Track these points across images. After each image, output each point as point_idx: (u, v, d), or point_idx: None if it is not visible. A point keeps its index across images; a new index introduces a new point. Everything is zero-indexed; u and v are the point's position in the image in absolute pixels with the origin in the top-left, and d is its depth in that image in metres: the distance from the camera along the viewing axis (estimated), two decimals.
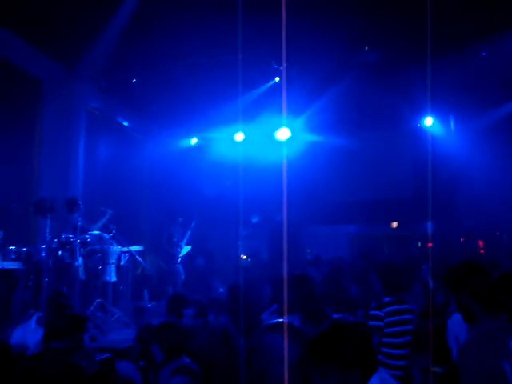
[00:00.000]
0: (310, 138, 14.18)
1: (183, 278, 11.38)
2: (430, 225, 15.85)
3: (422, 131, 13.79)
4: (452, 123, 13.79)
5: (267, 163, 12.69)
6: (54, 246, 8.04)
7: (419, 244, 16.73)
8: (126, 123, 13.67)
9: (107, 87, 11.75)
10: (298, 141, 13.88)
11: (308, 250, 14.97)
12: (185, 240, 11.72)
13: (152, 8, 9.11)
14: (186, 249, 11.69)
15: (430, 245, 16.04)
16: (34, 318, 5.81)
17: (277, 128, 13.45)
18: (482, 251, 14.00)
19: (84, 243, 8.43)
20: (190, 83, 11.92)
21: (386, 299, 5.12)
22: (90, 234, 8.70)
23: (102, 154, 12.44)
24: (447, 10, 9.38)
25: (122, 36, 9.74)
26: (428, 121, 13.45)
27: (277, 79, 11.83)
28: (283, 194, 10.10)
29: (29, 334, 5.25)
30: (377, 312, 4.99)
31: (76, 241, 8.20)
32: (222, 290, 8.85)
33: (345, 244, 15.30)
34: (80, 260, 8.28)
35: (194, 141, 14.96)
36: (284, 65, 10.79)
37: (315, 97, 12.22)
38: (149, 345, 4.60)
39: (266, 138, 13.76)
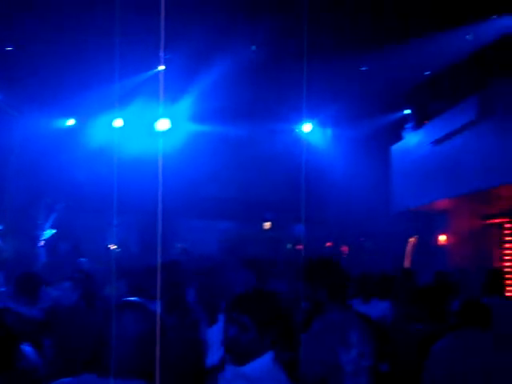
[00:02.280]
0: (192, 128, 14.07)
1: (44, 260, 10.82)
2: (300, 228, 16.34)
3: (301, 136, 14.16)
4: (329, 131, 14.30)
5: (145, 153, 12.42)
6: None
7: (289, 245, 17.14)
8: None
9: None
10: (179, 132, 13.73)
11: (178, 245, 14.82)
12: (49, 223, 11.16)
13: None
14: (49, 232, 11.14)
15: (299, 247, 16.54)
16: None
17: (158, 118, 13.21)
18: (344, 256, 14.65)
19: None
20: (72, 60, 11.35)
21: None
22: None
23: None
24: (329, 22, 9.75)
25: None
26: (307, 127, 13.82)
27: (161, 68, 11.61)
28: (158, 186, 9.89)
29: None
30: None
31: None
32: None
33: (216, 240, 15.34)
34: None
35: (70, 122, 14.30)
36: (163, 54, 10.62)
37: (196, 87, 12.13)
38: None
39: (146, 127, 13.47)
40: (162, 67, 11.51)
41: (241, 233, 16.29)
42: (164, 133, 12.93)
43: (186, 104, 12.89)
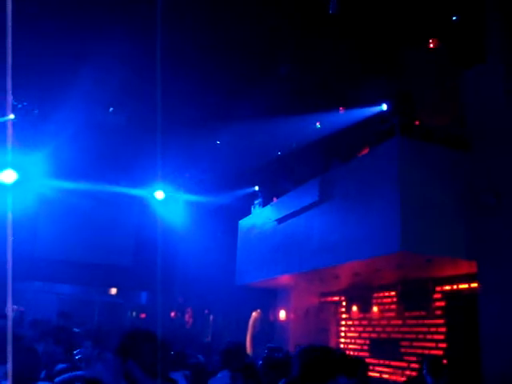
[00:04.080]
0: (42, 184, 13.37)
1: None
2: (144, 295, 15.91)
3: (153, 203, 14.01)
4: (181, 200, 14.29)
5: None
6: None
7: (133, 313, 16.60)
8: None
9: None
10: (27, 187, 12.97)
11: (14, 307, 13.70)
12: None
13: None
14: None
15: (143, 315, 16.06)
16: None
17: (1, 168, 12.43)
18: (188, 326, 14.45)
19: None
20: None
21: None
22: None
23: None
24: (183, 94, 9.94)
25: None
26: (159, 194, 13.70)
27: (11, 116, 11.04)
28: None
29: None
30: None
31: None
32: None
33: (55, 304, 14.43)
34: None
35: None
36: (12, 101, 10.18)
37: (48, 142, 11.67)
38: None
39: None
40: (11, 116, 10.94)
41: (84, 297, 15.55)
42: (8, 186, 12.13)
43: (34, 157, 12.27)
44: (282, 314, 12.37)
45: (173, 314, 14.51)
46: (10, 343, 5.46)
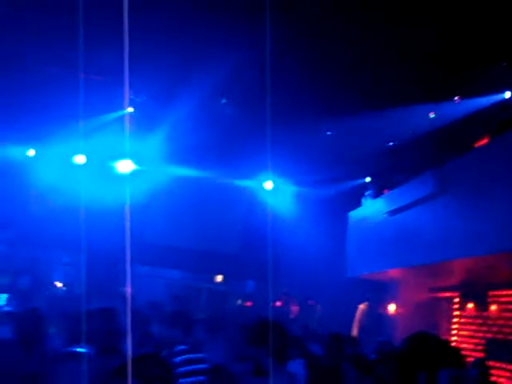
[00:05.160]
0: (154, 172, 13.97)
1: None
2: (250, 284, 16.15)
3: (260, 192, 14.17)
4: (290, 191, 14.36)
5: (102, 193, 12.23)
6: None
7: (239, 301, 16.91)
8: None
9: None
10: (140, 175, 13.58)
11: (121, 289, 14.39)
12: None
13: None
14: None
15: (248, 304, 16.31)
16: None
17: (119, 158, 13.11)
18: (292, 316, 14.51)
19: None
20: (36, 91, 11.23)
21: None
22: None
23: None
24: (301, 84, 9.95)
25: None
26: (268, 184, 13.86)
27: (130, 110, 11.57)
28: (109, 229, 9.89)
29: None
30: None
31: None
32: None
33: (162, 289, 14.96)
34: None
35: (31, 152, 13.99)
36: (132, 95, 10.65)
37: (161, 132, 12.11)
38: None
39: (105, 168, 13.33)
40: (130, 109, 11.45)
41: (190, 284, 16.02)
42: (126, 175, 12.78)
43: (150, 147, 12.79)
44: (391, 308, 12.14)
45: (278, 303, 14.64)
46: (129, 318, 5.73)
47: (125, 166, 13.19)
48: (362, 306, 12.88)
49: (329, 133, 11.89)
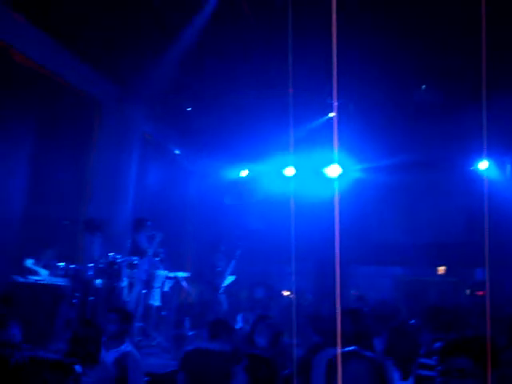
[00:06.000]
0: (360, 174, 14.01)
1: (225, 307, 11.13)
2: (479, 272, 15.29)
3: (476, 174, 13.42)
4: (509, 167, 13.40)
5: (317, 200, 12.55)
6: (101, 265, 8.02)
7: (468, 291, 16.12)
8: (177, 151, 13.80)
9: (162, 113, 11.91)
10: (348, 178, 13.74)
11: (352, 291, 14.60)
12: (229, 270, 11.51)
13: (210, 41, 9.29)
14: (229, 279, 11.49)
15: (480, 293, 15.42)
16: None
17: (327, 164, 13.36)
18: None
19: (131, 265, 8.40)
20: (242, 116, 12.00)
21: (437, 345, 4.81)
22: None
23: (152, 179, 12.54)
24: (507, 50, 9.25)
25: (179, 65, 9.91)
26: (483, 164, 13.10)
27: (331, 115, 11.76)
28: (332, 232, 9.97)
29: None
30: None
31: (123, 262, 8.18)
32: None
33: (389, 286, 14.92)
34: (125, 281, 8.24)
35: (244, 173, 14.92)
36: (336, 101, 10.76)
37: (368, 133, 12.10)
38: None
39: (316, 174, 13.68)
40: (332, 114, 11.64)
41: (415, 278, 15.68)
42: (334, 179, 13.01)
43: (354, 149, 12.86)
44: None
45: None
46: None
47: (333, 171, 13.44)
48: None
49: None
